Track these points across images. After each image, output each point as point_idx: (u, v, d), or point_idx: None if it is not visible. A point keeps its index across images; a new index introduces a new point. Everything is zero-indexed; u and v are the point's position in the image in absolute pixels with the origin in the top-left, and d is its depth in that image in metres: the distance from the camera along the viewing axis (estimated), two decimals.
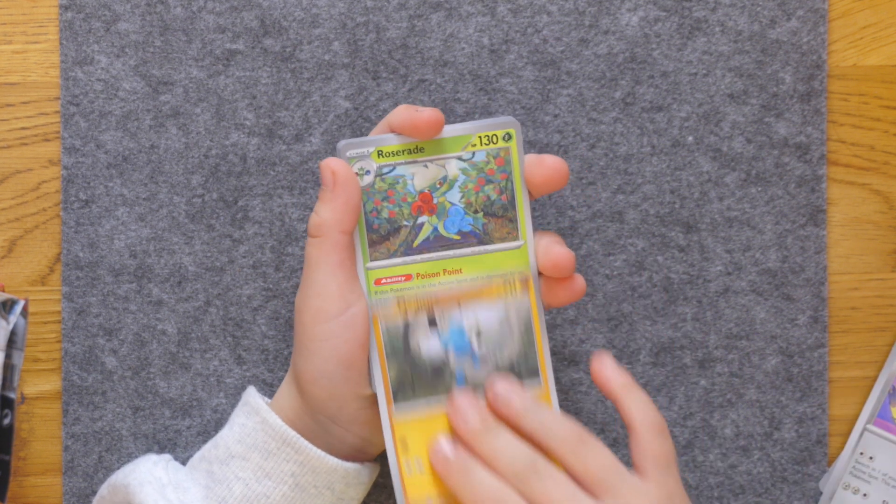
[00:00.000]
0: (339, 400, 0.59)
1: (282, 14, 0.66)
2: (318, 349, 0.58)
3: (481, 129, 0.58)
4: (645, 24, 0.67)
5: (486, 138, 0.58)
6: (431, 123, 0.58)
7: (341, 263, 0.58)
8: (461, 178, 0.59)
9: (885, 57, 0.68)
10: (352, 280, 0.58)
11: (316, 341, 0.58)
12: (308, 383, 0.59)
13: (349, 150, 0.58)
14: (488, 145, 0.58)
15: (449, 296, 0.59)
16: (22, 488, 0.67)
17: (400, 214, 0.59)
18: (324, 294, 0.58)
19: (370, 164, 0.58)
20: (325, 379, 0.58)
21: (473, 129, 0.58)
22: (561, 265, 0.58)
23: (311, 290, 0.58)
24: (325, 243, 0.58)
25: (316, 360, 0.58)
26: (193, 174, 0.66)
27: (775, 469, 0.68)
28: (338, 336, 0.58)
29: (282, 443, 0.59)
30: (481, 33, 0.67)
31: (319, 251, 0.58)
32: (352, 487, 0.61)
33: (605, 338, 0.67)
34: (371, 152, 0.58)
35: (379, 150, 0.58)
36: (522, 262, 0.59)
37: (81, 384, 0.66)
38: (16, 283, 0.67)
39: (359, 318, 0.58)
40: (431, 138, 0.58)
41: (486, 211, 0.59)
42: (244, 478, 0.60)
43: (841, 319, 0.68)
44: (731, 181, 0.67)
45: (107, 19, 0.66)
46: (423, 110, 0.58)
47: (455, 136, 0.58)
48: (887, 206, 0.68)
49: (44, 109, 0.67)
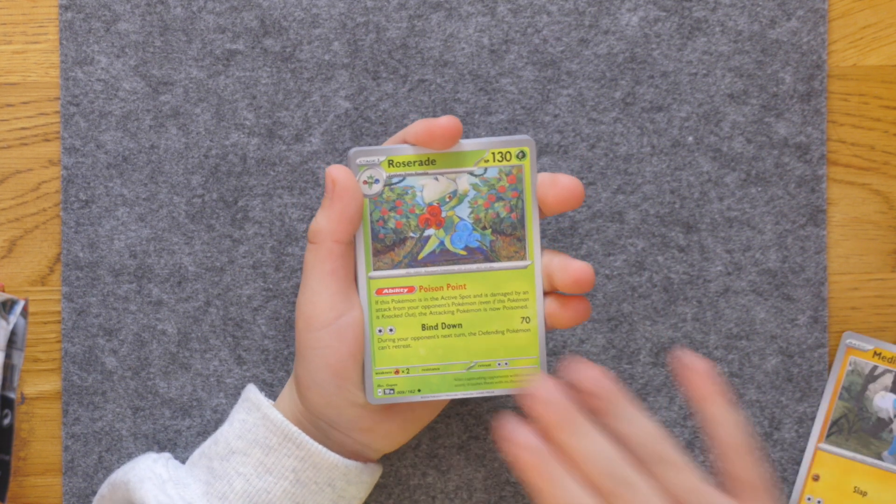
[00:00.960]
0: (336, 407, 0.59)
1: (282, 14, 0.66)
2: (311, 357, 0.58)
3: (495, 145, 0.58)
4: (645, 24, 0.67)
5: (500, 155, 0.58)
6: (448, 130, 0.57)
7: (334, 272, 0.58)
8: (471, 193, 0.58)
9: (885, 57, 0.68)
10: (345, 289, 0.58)
11: (307, 349, 0.58)
12: (305, 389, 0.59)
13: (359, 157, 0.58)
14: (501, 162, 0.58)
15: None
16: (22, 488, 0.67)
17: (407, 226, 0.58)
18: (315, 301, 0.58)
19: (380, 172, 0.58)
20: (319, 387, 0.58)
21: (487, 144, 0.58)
22: (582, 280, 0.57)
23: (305, 296, 0.58)
24: (320, 250, 0.58)
25: (309, 368, 0.58)
26: (193, 174, 0.66)
27: (775, 469, 0.68)
28: (327, 345, 0.58)
29: (283, 438, 0.59)
30: (481, 33, 0.67)
31: (314, 258, 0.58)
32: (353, 485, 0.61)
33: (605, 338, 0.67)
34: (381, 161, 0.58)
35: (390, 159, 0.58)
36: (528, 283, 0.59)
37: (81, 384, 0.66)
38: (16, 283, 0.67)
39: (350, 327, 0.58)
40: (448, 148, 0.58)
41: (495, 228, 0.59)
42: (245, 473, 0.60)
43: (841, 319, 0.68)
44: (731, 181, 0.67)
45: (107, 19, 0.66)
46: (442, 118, 0.57)
47: (468, 151, 0.58)
48: (887, 206, 0.68)
49: (44, 109, 0.67)
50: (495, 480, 0.67)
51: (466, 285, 0.59)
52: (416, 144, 0.58)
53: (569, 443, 0.50)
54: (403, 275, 0.58)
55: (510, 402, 0.67)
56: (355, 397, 0.59)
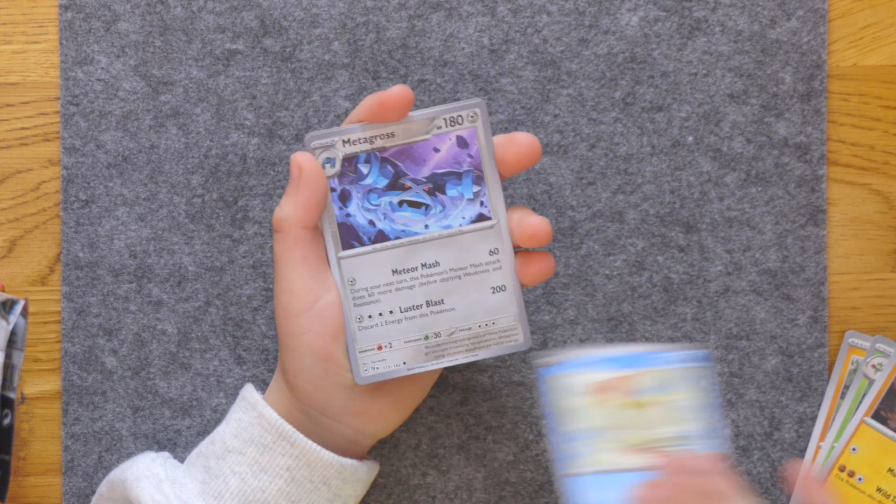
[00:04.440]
0: (325, 392, 0.59)
1: (282, 14, 0.66)
2: (294, 344, 0.58)
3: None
4: (645, 24, 0.67)
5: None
6: (401, 99, 0.57)
7: (305, 258, 0.58)
8: None
9: (885, 57, 0.68)
10: (319, 272, 0.58)
11: (290, 336, 0.58)
12: (292, 377, 0.59)
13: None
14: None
15: None
16: (22, 488, 0.67)
17: None
18: (291, 290, 0.58)
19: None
20: (306, 372, 0.58)
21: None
22: (539, 234, 0.58)
23: (280, 286, 0.59)
24: (287, 238, 0.58)
25: (294, 355, 0.58)
26: (193, 174, 0.66)
27: (775, 469, 0.68)
28: (309, 330, 0.58)
29: (278, 437, 0.60)
30: (481, 33, 0.67)
31: (283, 247, 0.58)
32: (348, 484, 0.61)
33: (605, 338, 0.67)
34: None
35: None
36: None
37: (81, 384, 0.66)
38: (16, 283, 0.67)
39: (328, 309, 0.58)
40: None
41: None
42: (240, 472, 0.60)
43: (841, 319, 0.68)
44: (731, 181, 0.67)
45: (107, 19, 0.66)
46: (392, 87, 0.57)
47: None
48: (887, 206, 0.68)
49: (44, 109, 0.67)
50: (495, 480, 0.67)
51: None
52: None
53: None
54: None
55: (510, 402, 0.67)
56: (343, 379, 0.59)
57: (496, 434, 0.67)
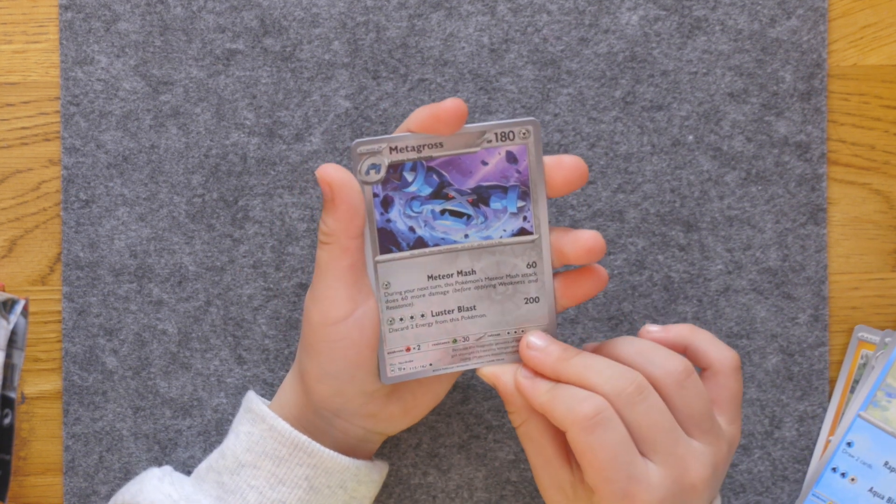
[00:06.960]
0: (345, 396, 0.59)
1: (282, 14, 0.66)
2: (327, 350, 0.58)
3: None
4: (645, 23, 0.67)
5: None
6: (455, 112, 0.57)
7: (351, 267, 0.58)
8: None
9: (885, 57, 0.68)
10: (361, 280, 0.58)
11: (325, 342, 0.58)
12: (314, 381, 0.59)
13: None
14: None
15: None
16: (22, 488, 0.67)
17: None
18: (333, 297, 0.58)
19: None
20: (332, 378, 0.58)
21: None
22: (596, 247, 0.58)
23: (321, 293, 0.58)
24: (334, 249, 0.58)
25: (323, 360, 0.58)
26: (193, 174, 0.67)
27: (776, 468, 0.68)
28: (347, 337, 0.58)
29: (293, 448, 0.59)
30: (481, 32, 0.67)
31: (330, 256, 0.58)
32: (363, 485, 0.61)
33: (605, 337, 0.67)
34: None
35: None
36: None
37: (82, 384, 0.66)
38: (16, 283, 0.67)
39: (367, 318, 0.58)
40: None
41: None
42: (257, 486, 0.59)
43: (841, 319, 0.68)
44: (731, 180, 0.67)
45: (107, 19, 0.66)
46: (446, 100, 0.57)
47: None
48: (887, 206, 0.68)
49: (44, 109, 0.67)
50: (496, 479, 0.67)
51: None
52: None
53: (568, 370, 0.57)
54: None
55: None
56: (366, 386, 0.59)
57: (497, 433, 0.67)
